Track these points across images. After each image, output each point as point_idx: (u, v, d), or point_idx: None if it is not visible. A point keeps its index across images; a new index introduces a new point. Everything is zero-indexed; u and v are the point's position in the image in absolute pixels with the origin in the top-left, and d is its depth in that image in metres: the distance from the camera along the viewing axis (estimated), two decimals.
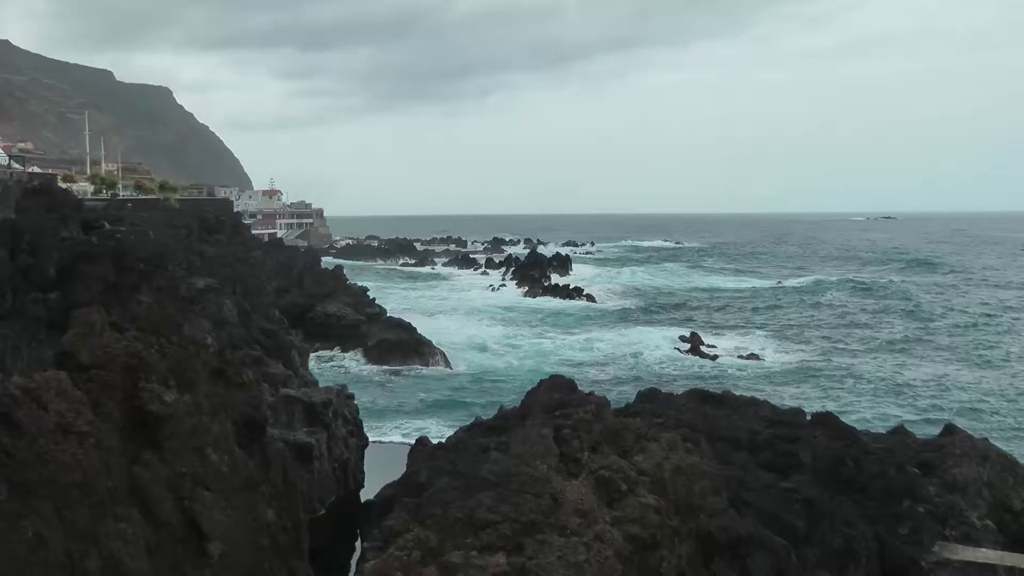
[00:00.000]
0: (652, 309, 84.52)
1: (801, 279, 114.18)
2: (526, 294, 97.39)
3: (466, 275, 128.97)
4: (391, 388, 49.39)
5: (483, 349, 61.17)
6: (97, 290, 17.75)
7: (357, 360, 56.38)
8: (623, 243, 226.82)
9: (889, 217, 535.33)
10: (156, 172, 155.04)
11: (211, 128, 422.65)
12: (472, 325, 73.23)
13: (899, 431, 24.08)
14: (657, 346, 61.46)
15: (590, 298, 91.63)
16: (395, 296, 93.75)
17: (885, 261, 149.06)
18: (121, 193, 76.97)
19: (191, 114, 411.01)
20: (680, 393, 25.86)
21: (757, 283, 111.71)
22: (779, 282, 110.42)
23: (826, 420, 22.42)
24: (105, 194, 70.10)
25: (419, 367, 54.04)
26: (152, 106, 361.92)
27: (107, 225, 24.35)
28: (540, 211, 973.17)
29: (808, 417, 23.21)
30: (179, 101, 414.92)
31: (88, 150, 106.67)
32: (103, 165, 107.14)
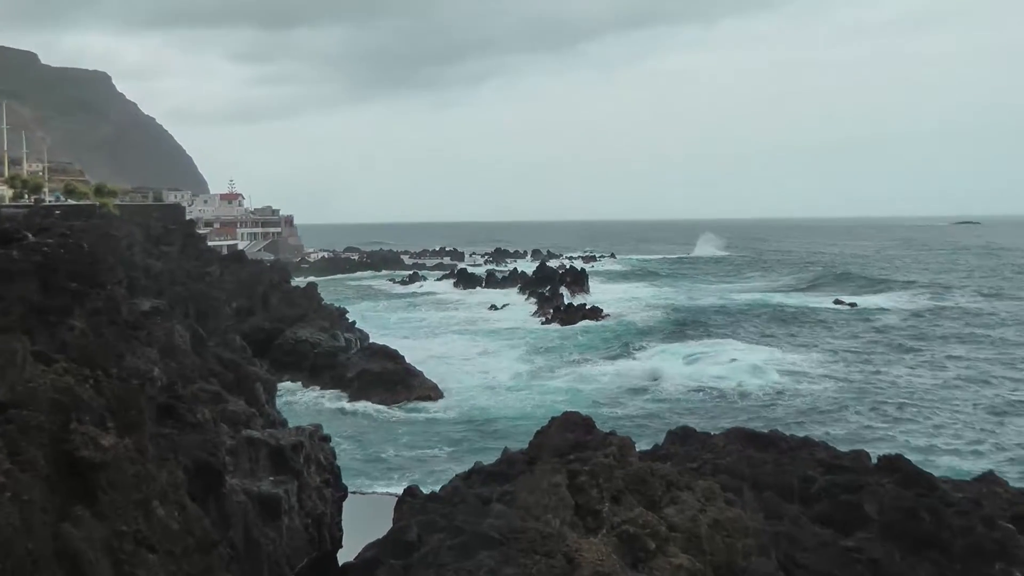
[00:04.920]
0: (682, 332, 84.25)
1: (866, 294, 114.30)
2: (535, 315, 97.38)
3: (464, 294, 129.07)
4: (374, 428, 49.30)
5: (484, 381, 61.10)
6: (18, 314, 17.74)
7: (334, 395, 56.31)
8: (647, 255, 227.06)
9: (971, 222, 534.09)
10: (91, 173, 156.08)
11: (158, 120, 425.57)
12: (471, 353, 73.24)
13: (988, 477, 23.91)
14: (689, 376, 61.30)
15: (610, 319, 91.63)
16: (379, 319, 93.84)
17: (965, 274, 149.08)
18: (47, 198, 77.24)
19: (134, 104, 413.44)
20: (719, 432, 25.77)
21: (808, 299, 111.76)
22: (836, 299, 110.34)
23: (896, 464, 22.28)
24: (27, 199, 70.33)
25: (407, 403, 53.95)
26: (86, 94, 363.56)
27: (30, 236, 24.33)
28: (547, 217, 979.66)
29: (874, 461, 23.09)
30: (119, 88, 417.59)
31: (6, 147, 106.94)
32: (24, 165, 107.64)
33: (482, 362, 69.04)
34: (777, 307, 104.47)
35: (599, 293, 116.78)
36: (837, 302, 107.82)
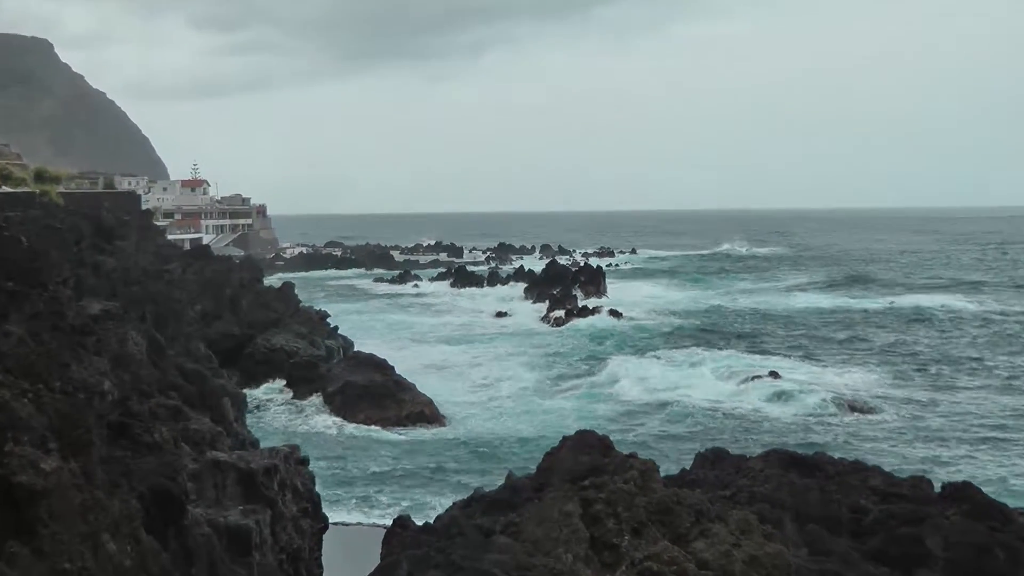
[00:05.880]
0: (712, 340, 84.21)
1: (924, 295, 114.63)
2: (544, 320, 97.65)
3: (462, 295, 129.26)
4: (359, 449, 49.27)
5: (485, 395, 61.19)
6: None
7: (313, 411, 56.32)
8: (670, 251, 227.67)
9: None
10: (30, 156, 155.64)
11: (109, 95, 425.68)
12: (471, 363, 73.33)
13: None
14: (720, 390, 61.26)
15: (629, 324, 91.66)
16: (365, 324, 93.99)
17: None
18: None
19: (80, 76, 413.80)
20: (756, 455, 25.69)
21: (857, 301, 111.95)
22: (892, 302, 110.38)
23: (964, 493, 22.18)
24: None
25: (397, 420, 53.90)
26: (24, 65, 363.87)
27: None
28: (556, 207, 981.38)
29: (937, 489, 22.98)
30: (63, 59, 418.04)
31: None
32: None
33: (483, 373, 68.99)
34: (821, 311, 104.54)
35: (617, 294, 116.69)
36: (891, 304, 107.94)
